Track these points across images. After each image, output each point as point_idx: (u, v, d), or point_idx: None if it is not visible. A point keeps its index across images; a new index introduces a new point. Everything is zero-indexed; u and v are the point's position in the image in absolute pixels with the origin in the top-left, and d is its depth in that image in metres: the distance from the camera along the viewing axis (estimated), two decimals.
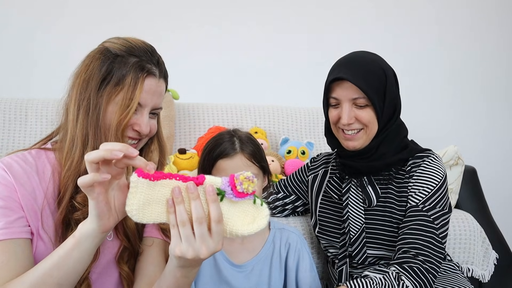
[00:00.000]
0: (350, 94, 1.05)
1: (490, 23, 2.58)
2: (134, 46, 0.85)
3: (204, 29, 2.35)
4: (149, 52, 0.86)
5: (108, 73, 0.82)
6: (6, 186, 0.79)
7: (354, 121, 1.06)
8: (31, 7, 2.19)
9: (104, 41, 0.88)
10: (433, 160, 1.09)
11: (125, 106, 0.81)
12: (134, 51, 0.84)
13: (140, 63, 0.83)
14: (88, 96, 0.81)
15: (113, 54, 0.83)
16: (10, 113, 1.90)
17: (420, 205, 1.03)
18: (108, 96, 0.81)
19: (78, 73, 0.84)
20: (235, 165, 0.99)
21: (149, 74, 0.84)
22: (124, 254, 0.90)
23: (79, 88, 0.82)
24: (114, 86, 0.81)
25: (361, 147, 1.09)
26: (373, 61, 1.09)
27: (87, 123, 0.81)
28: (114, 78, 0.81)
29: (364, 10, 2.49)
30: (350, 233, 1.11)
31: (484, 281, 1.41)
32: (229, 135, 1.05)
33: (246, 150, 1.02)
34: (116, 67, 0.82)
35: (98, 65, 0.82)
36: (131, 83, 0.81)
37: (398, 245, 1.02)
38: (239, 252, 1.09)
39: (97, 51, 0.85)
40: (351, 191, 1.14)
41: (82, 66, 0.85)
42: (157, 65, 0.87)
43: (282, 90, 2.41)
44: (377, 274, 0.96)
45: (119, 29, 2.21)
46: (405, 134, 1.15)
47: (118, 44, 0.84)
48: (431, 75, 2.55)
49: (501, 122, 2.60)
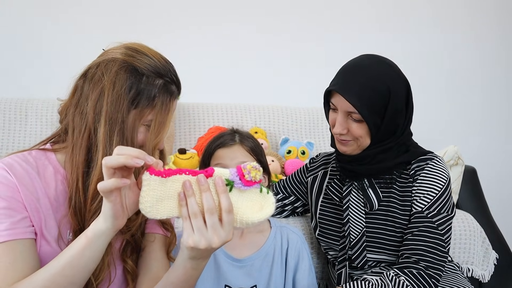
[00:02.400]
0: (345, 107, 1.03)
1: (490, 22, 2.58)
2: (159, 65, 0.85)
3: (204, 29, 2.35)
4: (171, 71, 0.87)
5: (137, 94, 0.82)
6: (9, 186, 0.79)
7: (346, 132, 1.06)
8: (31, 7, 2.18)
9: (123, 51, 0.85)
10: (436, 163, 1.08)
11: (158, 131, 0.83)
12: (160, 71, 0.84)
13: (166, 85, 0.85)
14: (122, 116, 0.81)
15: (140, 73, 0.82)
16: (10, 113, 1.90)
17: (425, 211, 1.02)
18: (139, 118, 0.82)
19: (101, 86, 0.82)
20: (233, 155, 1.01)
21: (174, 97, 0.87)
22: (127, 249, 0.91)
23: (107, 105, 0.81)
24: (145, 108, 0.82)
25: (351, 153, 1.09)
26: (377, 73, 1.03)
27: (111, 140, 0.80)
28: (144, 101, 0.82)
29: (364, 11, 2.49)
30: (350, 237, 1.10)
31: (484, 281, 1.41)
32: (230, 130, 1.10)
33: (245, 143, 1.05)
34: (145, 89, 0.82)
35: (126, 84, 0.81)
36: (162, 107, 0.83)
37: (402, 251, 1.01)
38: (239, 247, 1.09)
39: (121, 66, 0.82)
40: (352, 194, 1.12)
41: (107, 80, 0.82)
42: (178, 84, 0.89)
43: (282, 90, 2.41)
44: (373, 276, 0.96)
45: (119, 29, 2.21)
46: (408, 138, 1.13)
47: (144, 63, 0.83)
48: (431, 75, 2.55)
49: (501, 122, 2.60)
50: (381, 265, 1.09)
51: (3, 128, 1.87)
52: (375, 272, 1.09)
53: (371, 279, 0.95)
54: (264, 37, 2.41)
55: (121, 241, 0.90)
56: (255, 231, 1.11)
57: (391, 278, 0.94)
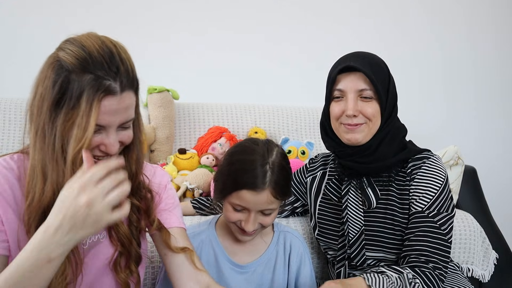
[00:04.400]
0: (358, 85, 1.04)
1: (488, 22, 2.58)
2: (90, 56, 0.72)
3: (204, 30, 2.35)
4: (106, 62, 0.72)
5: (62, 94, 0.71)
6: None
7: (358, 114, 1.05)
8: (31, 7, 2.19)
9: (61, 44, 0.77)
10: (433, 162, 1.08)
11: (80, 135, 0.70)
12: (89, 65, 0.71)
13: (96, 81, 0.70)
14: (43, 121, 0.72)
15: (66, 69, 0.71)
16: (10, 113, 1.90)
17: (426, 210, 1.02)
18: (64, 122, 0.71)
19: (34, 87, 0.75)
20: (259, 201, 0.94)
21: (107, 94, 0.71)
22: (120, 260, 0.86)
23: (34, 108, 0.73)
24: (70, 109, 0.70)
25: (362, 141, 1.07)
26: (377, 58, 1.10)
27: (44, 152, 0.72)
28: (68, 101, 0.70)
29: (363, 11, 2.49)
30: (349, 235, 1.10)
31: (484, 281, 1.41)
32: (262, 159, 0.95)
33: (275, 185, 0.94)
34: (70, 87, 0.70)
35: (50, 84, 0.72)
36: (86, 107, 0.70)
37: (405, 251, 1.01)
38: (241, 253, 1.08)
39: (50, 63, 0.74)
40: (350, 192, 1.12)
41: (38, 79, 0.75)
42: (117, 77, 0.73)
43: (282, 90, 2.41)
44: (393, 273, 0.94)
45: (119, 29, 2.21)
46: (404, 134, 1.14)
47: (72, 56, 0.72)
48: (431, 74, 2.55)
49: (501, 122, 2.60)
50: (380, 263, 1.09)
51: (3, 128, 1.87)
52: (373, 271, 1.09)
53: (391, 275, 0.93)
54: (264, 37, 2.41)
55: (112, 252, 0.86)
56: (258, 236, 1.09)
57: (410, 281, 0.93)
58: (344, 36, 2.46)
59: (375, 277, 0.91)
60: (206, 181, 1.68)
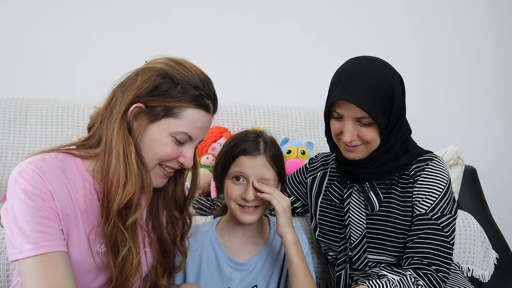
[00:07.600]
0: (354, 113, 1.00)
1: (489, 22, 2.58)
2: (194, 76, 0.83)
3: (204, 29, 2.35)
4: (207, 85, 0.85)
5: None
6: (44, 193, 0.73)
7: (356, 138, 1.03)
8: (31, 7, 2.18)
9: (163, 61, 0.85)
10: (436, 164, 1.07)
11: (179, 140, 0.82)
12: (197, 84, 0.83)
13: (199, 98, 0.83)
14: (146, 122, 0.81)
15: (174, 81, 0.81)
16: (10, 113, 1.90)
17: (429, 212, 1.01)
18: (164, 125, 0.81)
19: (131, 88, 0.82)
20: (255, 164, 1.00)
21: (206, 111, 0.84)
22: (159, 270, 0.91)
23: (124, 103, 0.81)
24: (171, 116, 0.81)
25: (361, 158, 1.07)
26: (381, 74, 1.02)
27: (136, 148, 0.80)
28: (172, 109, 0.80)
29: (364, 12, 2.49)
30: (350, 239, 1.10)
31: (484, 281, 1.42)
32: (254, 134, 1.05)
33: (269, 152, 1.02)
34: (176, 97, 0.80)
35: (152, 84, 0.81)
36: (189, 118, 0.82)
37: (408, 253, 1.00)
38: (241, 251, 1.09)
39: (157, 73, 0.82)
40: (352, 196, 1.11)
41: (139, 81, 0.82)
42: (213, 100, 0.86)
43: (282, 90, 2.41)
44: (394, 276, 0.94)
45: (118, 29, 2.21)
46: (407, 136, 1.11)
47: (179, 72, 0.82)
48: (431, 74, 2.55)
49: (501, 122, 2.60)
50: (381, 265, 1.09)
51: (3, 128, 1.87)
52: (374, 272, 1.09)
53: (393, 279, 0.93)
54: (264, 37, 2.41)
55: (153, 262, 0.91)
56: (255, 233, 1.10)
57: (413, 282, 0.93)
58: (345, 36, 2.46)
59: (377, 283, 0.92)
60: (206, 181, 1.68)
